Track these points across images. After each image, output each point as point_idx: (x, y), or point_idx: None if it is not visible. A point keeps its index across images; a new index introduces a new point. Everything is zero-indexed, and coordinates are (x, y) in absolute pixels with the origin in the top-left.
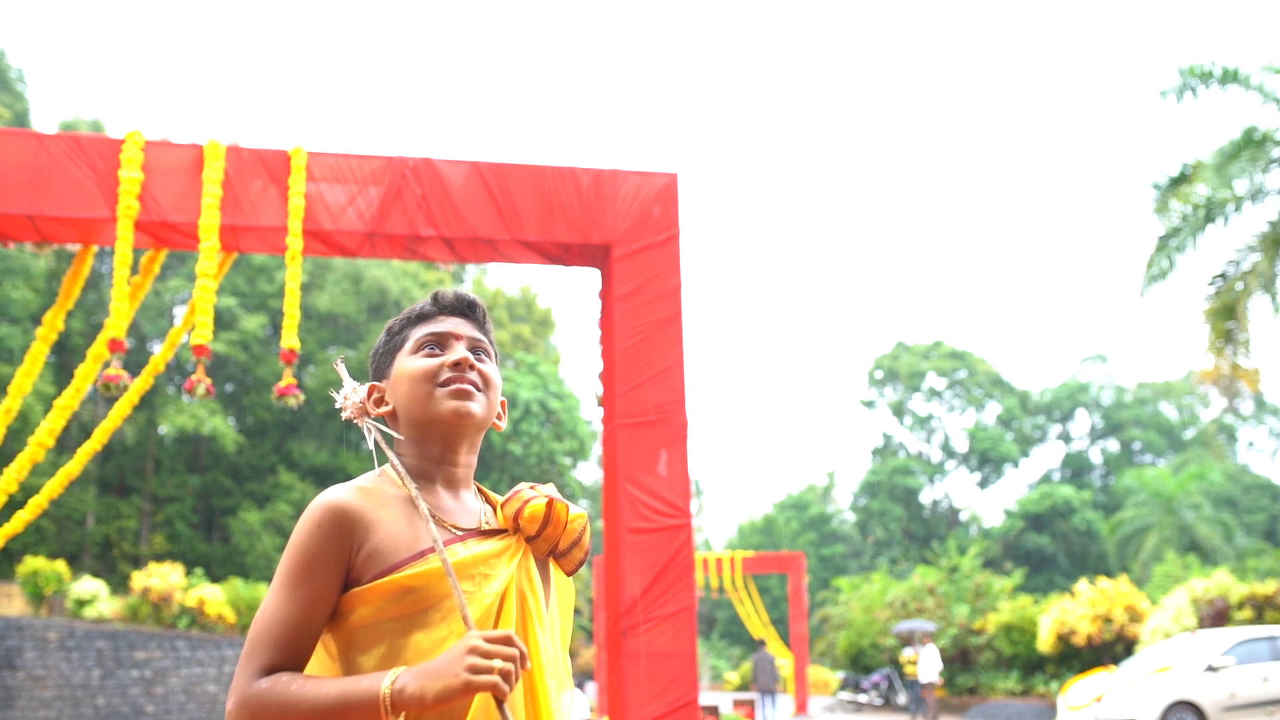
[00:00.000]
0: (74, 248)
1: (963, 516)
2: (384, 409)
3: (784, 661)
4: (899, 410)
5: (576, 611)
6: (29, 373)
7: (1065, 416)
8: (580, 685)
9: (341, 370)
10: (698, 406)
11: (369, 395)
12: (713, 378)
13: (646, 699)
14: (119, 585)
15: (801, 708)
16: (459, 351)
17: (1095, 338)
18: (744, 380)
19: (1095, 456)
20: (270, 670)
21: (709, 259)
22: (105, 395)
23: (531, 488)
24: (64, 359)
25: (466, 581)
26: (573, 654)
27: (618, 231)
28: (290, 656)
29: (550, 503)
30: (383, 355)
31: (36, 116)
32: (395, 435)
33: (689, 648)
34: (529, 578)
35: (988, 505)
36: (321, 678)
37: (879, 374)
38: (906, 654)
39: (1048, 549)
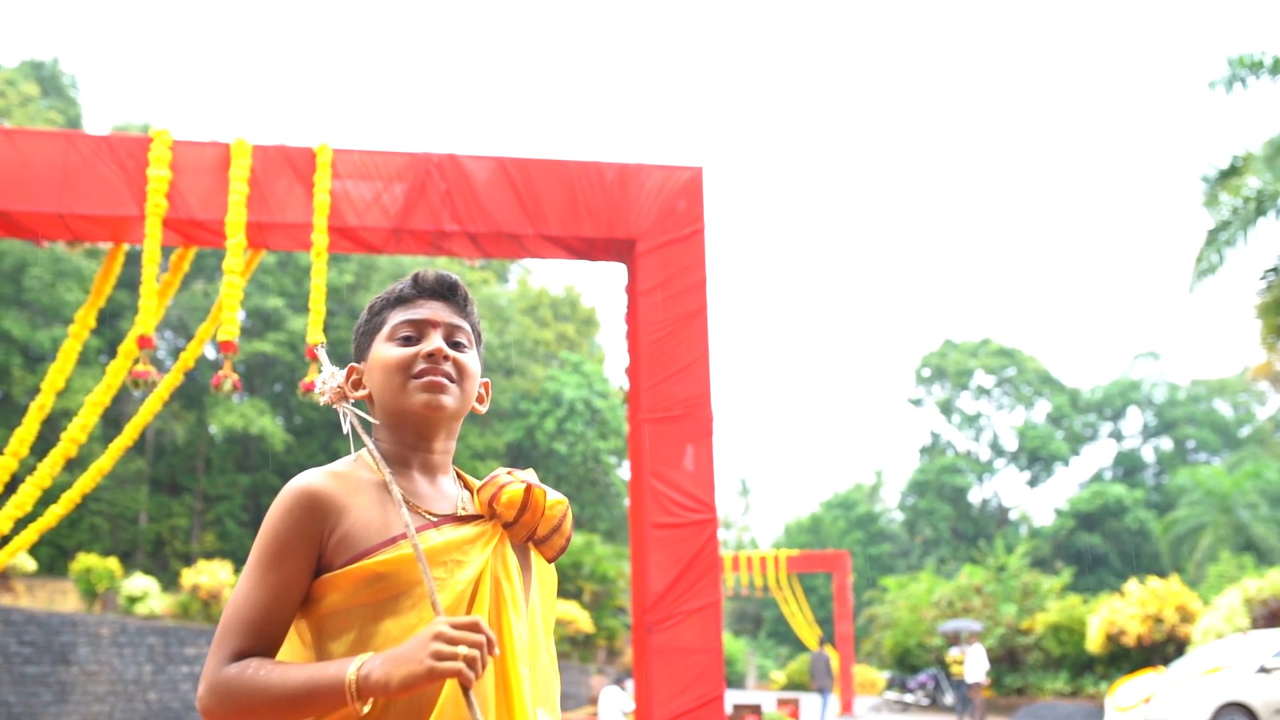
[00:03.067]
0: (105, 246)
1: (1012, 516)
2: (361, 392)
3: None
4: (947, 408)
5: (620, 608)
6: (62, 370)
7: (1117, 414)
8: (619, 682)
9: (321, 355)
10: (744, 405)
11: (348, 377)
12: (759, 376)
13: (673, 694)
14: (170, 582)
15: (848, 707)
16: (434, 341)
17: (1146, 334)
18: (791, 379)
19: (1148, 455)
20: (240, 655)
21: (753, 254)
22: (134, 391)
23: (509, 473)
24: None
25: (439, 568)
26: (616, 650)
27: (642, 226)
28: (261, 642)
29: (528, 488)
30: (362, 335)
31: (88, 122)
32: (372, 420)
33: (714, 643)
34: (504, 564)
35: (1037, 504)
36: (290, 663)
37: (926, 372)
38: (953, 654)
39: (1099, 548)
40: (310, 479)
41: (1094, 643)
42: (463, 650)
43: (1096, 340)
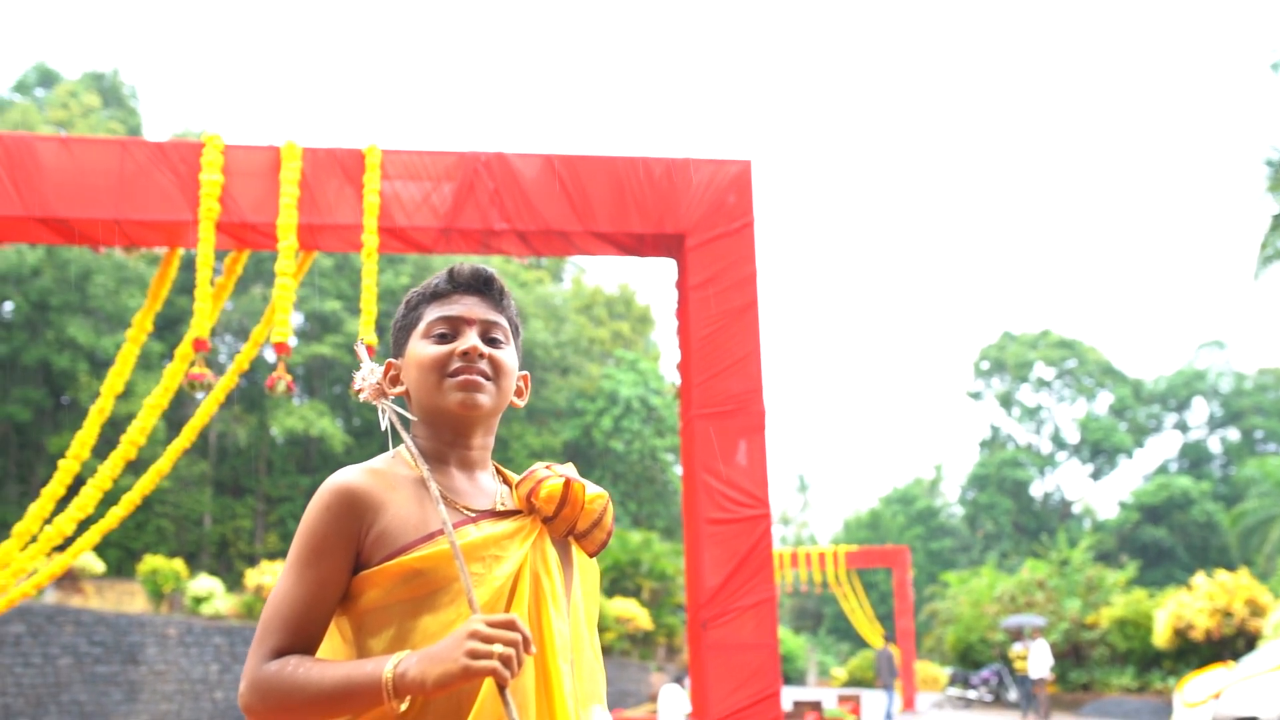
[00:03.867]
0: (160, 251)
1: (1075, 509)
2: (400, 388)
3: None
4: (1007, 401)
5: (678, 606)
6: (121, 373)
7: (1181, 405)
8: (679, 680)
9: (360, 352)
10: (801, 401)
11: (386, 373)
12: (816, 371)
13: (728, 691)
14: (234, 583)
15: (909, 704)
16: (469, 339)
17: (1211, 322)
18: (847, 374)
19: (1214, 446)
20: (280, 653)
21: (807, 247)
22: (191, 393)
23: (547, 467)
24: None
25: (476, 563)
26: (675, 648)
27: (691, 220)
28: (300, 639)
29: (567, 482)
30: (399, 331)
31: (148, 131)
32: (410, 417)
33: (770, 639)
34: (544, 559)
35: (1101, 497)
36: (328, 661)
37: (985, 365)
38: (1016, 649)
39: (1165, 542)
40: (347, 476)
41: (1161, 637)
42: (498, 649)
43: (1159, 330)
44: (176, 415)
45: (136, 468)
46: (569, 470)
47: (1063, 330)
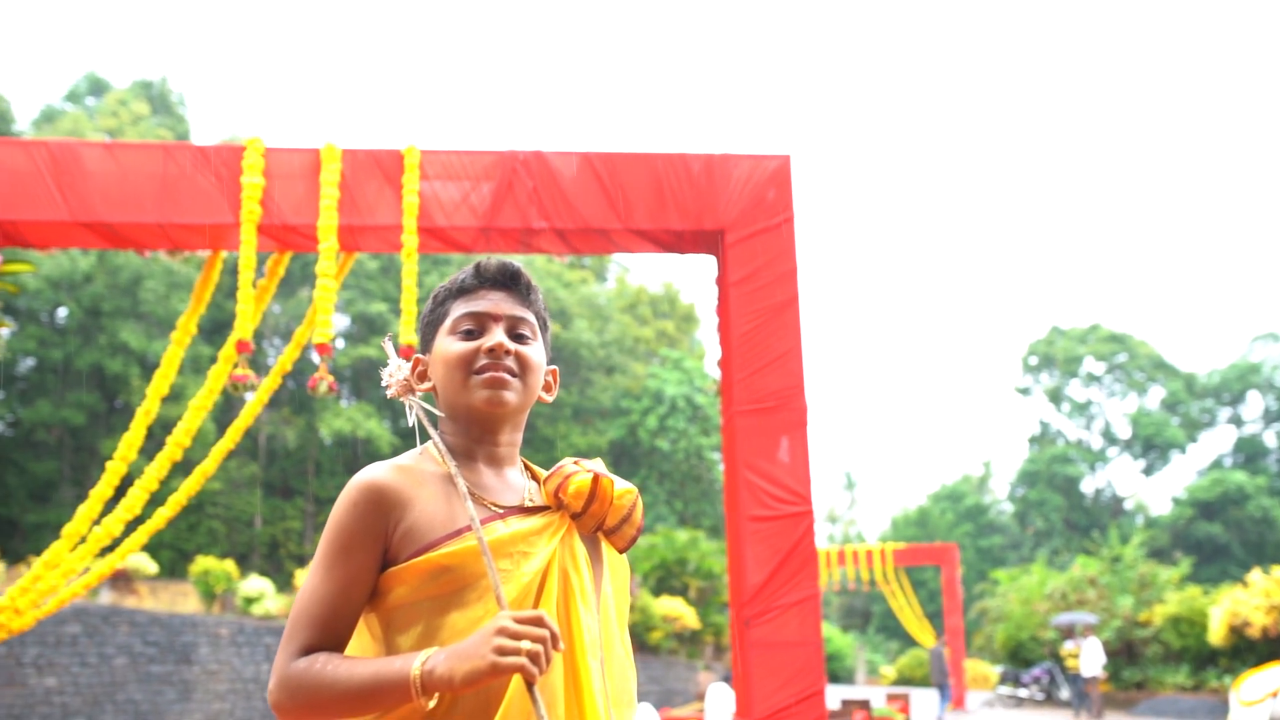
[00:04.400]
0: (204, 254)
1: (1127, 505)
2: (427, 384)
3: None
4: (1056, 397)
5: (725, 604)
6: (166, 376)
7: (1236, 399)
8: (727, 678)
9: (388, 348)
10: (847, 398)
11: (413, 369)
12: (862, 368)
13: (772, 689)
14: (284, 583)
15: (959, 702)
16: (495, 336)
17: (1265, 315)
18: (894, 370)
19: (1270, 440)
20: (309, 650)
21: (851, 242)
22: (234, 395)
23: (575, 463)
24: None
25: (504, 560)
26: (722, 646)
27: (730, 216)
28: (328, 636)
29: (596, 478)
30: (426, 326)
31: (196, 137)
32: (437, 413)
33: (814, 637)
34: (572, 555)
35: (1154, 493)
36: (357, 658)
37: (1034, 360)
38: (1068, 647)
39: (1220, 538)
40: (374, 473)
41: (1216, 635)
42: (526, 645)
43: (1212, 323)
44: (226, 418)
45: (187, 469)
46: (597, 465)
47: (1112, 324)
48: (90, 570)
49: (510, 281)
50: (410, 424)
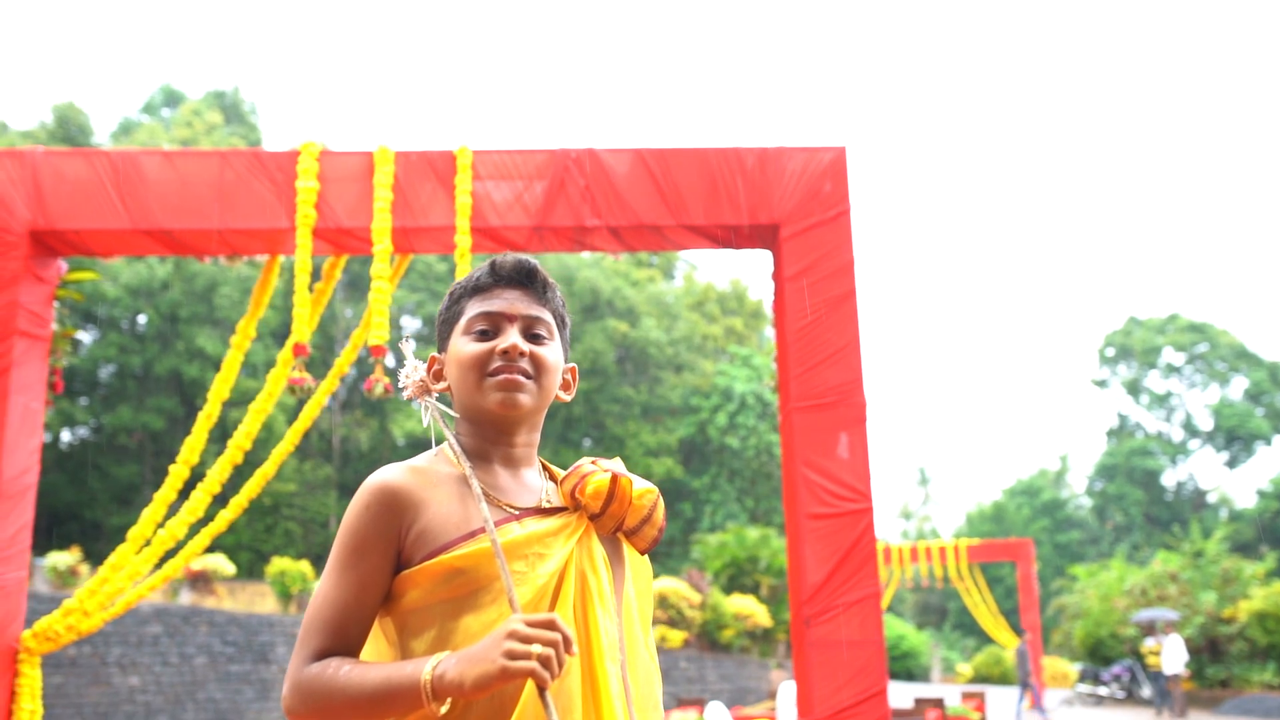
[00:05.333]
0: (261, 259)
1: (1210, 498)
2: (443, 384)
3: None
4: (1134, 389)
5: None
6: (226, 379)
7: None
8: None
9: (405, 350)
10: (920, 393)
11: (429, 369)
12: (934, 363)
13: (833, 689)
14: None
15: (1035, 701)
16: (509, 338)
17: None
18: (967, 364)
19: None
20: (322, 655)
21: (921, 234)
22: (293, 397)
23: (593, 463)
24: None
25: (519, 561)
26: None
27: (785, 210)
28: (341, 641)
29: (614, 478)
30: (442, 325)
31: (268, 145)
32: (452, 414)
33: (876, 636)
34: (590, 557)
35: (1238, 486)
36: (369, 663)
37: (1110, 351)
38: (1149, 644)
39: None
40: (387, 475)
41: None
42: (537, 649)
43: None
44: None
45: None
46: (616, 465)
47: (1192, 314)
48: (156, 573)
49: (526, 279)
50: (425, 424)
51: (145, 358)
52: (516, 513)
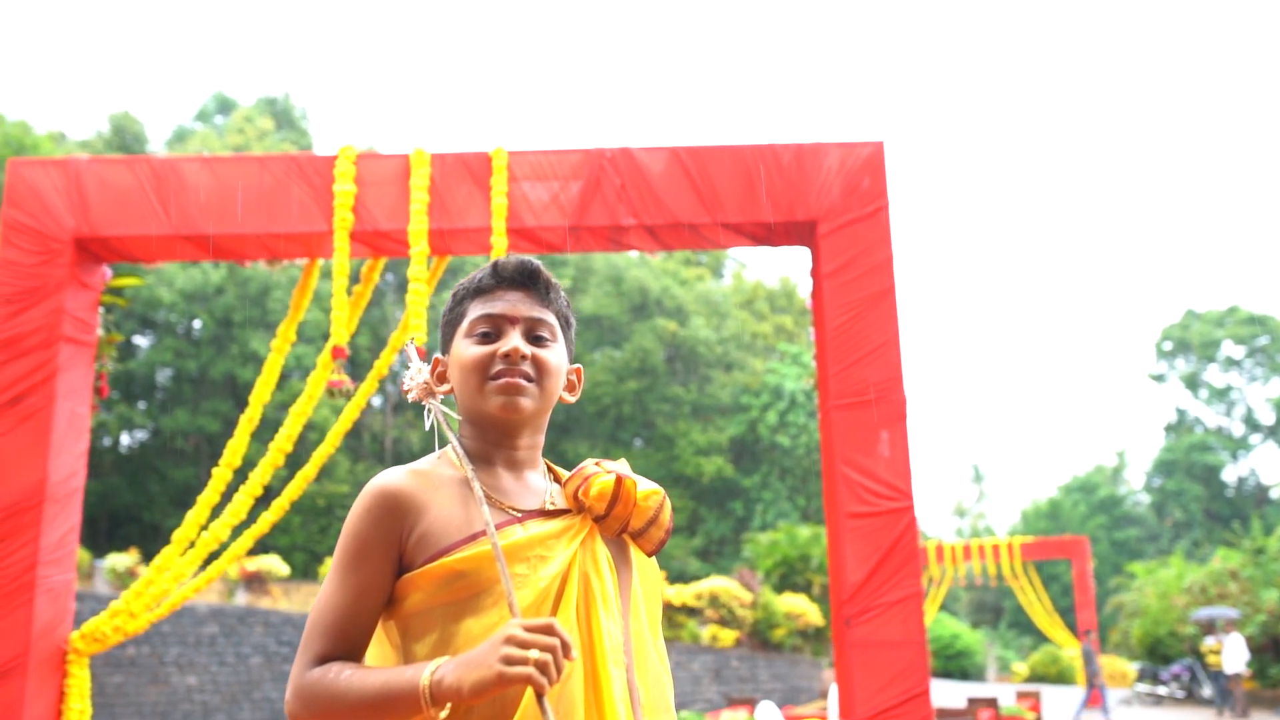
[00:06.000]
0: (301, 262)
1: (1272, 494)
2: (446, 386)
3: (1072, 651)
4: (1193, 383)
5: None
6: (267, 383)
7: None
8: None
9: (410, 351)
10: (974, 390)
11: (433, 370)
12: (987, 358)
13: (875, 690)
14: None
15: (1094, 700)
16: (511, 341)
17: None
18: (1021, 360)
19: None
20: (324, 659)
21: (971, 227)
22: (331, 399)
23: (597, 464)
24: (354, 372)
25: (520, 564)
26: None
27: (823, 207)
28: (343, 645)
29: (619, 479)
30: (446, 326)
31: (318, 149)
32: (455, 416)
33: (918, 636)
34: (594, 559)
35: None
36: (369, 668)
37: (1168, 345)
38: (1209, 643)
39: None
40: (388, 478)
41: None
42: (534, 655)
43: None
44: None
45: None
46: (621, 466)
47: (1251, 306)
48: (201, 574)
49: (529, 281)
50: (428, 427)
51: (200, 362)
52: (519, 515)
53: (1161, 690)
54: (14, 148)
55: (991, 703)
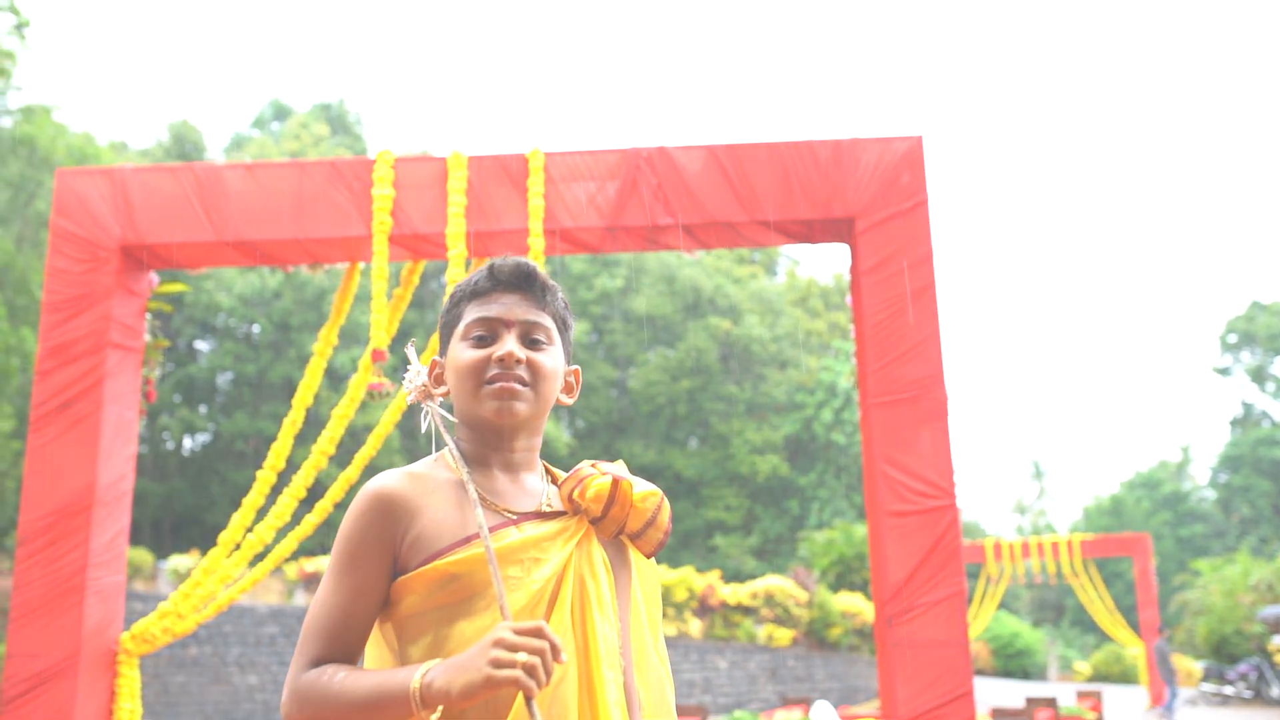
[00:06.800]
0: (341, 266)
1: None
2: (444, 388)
3: (1135, 650)
4: (1259, 376)
5: None
6: (310, 386)
7: None
8: None
9: (410, 354)
10: (1033, 385)
11: (430, 372)
12: (1047, 353)
13: (917, 690)
14: None
15: (1158, 699)
16: (505, 345)
17: None
18: (1081, 355)
19: None
20: (319, 662)
21: (1033, 221)
22: (371, 402)
23: (593, 465)
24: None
25: (514, 567)
26: None
27: (861, 203)
28: (339, 647)
29: (615, 481)
30: (443, 328)
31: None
32: (452, 419)
33: (960, 636)
34: (589, 561)
35: None
36: (362, 670)
37: (1233, 338)
38: (1276, 642)
39: None
40: (383, 481)
41: None
42: (522, 658)
43: None
44: (407, 424)
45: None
46: (617, 468)
47: None
48: (246, 575)
49: (525, 283)
50: (423, 429)
51: (259, 365)
52: (514, 517)
53: (1228, 690)
54: (77, 159)
55: (1050, 702)
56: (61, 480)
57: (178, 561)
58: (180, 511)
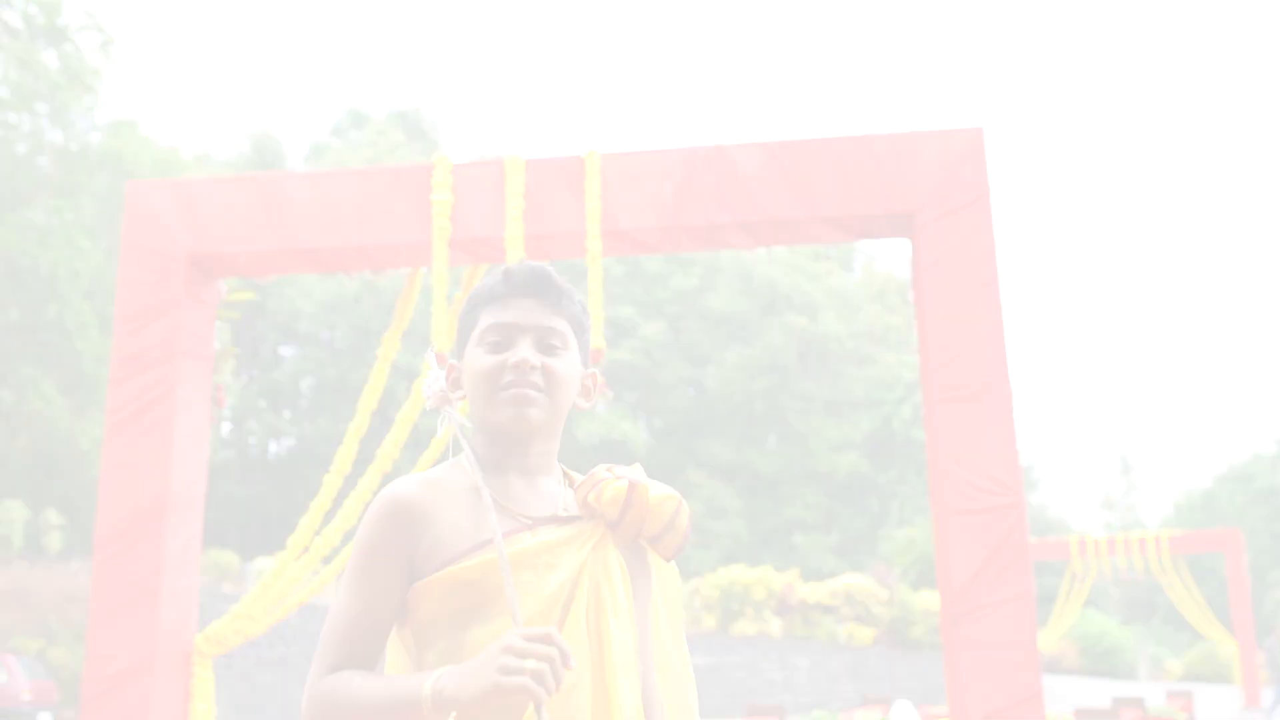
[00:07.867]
0: (404, 271)
1: None
2: (461, 393)
3: (1231, 648)
4: None
5: None
6: (374, 390)
7: None
8: None
9: (429, 359)
10: (1121, 379)
11: (448, 377)
12: (1134, 346)
13: (985, 691)
14: None
15: (1253, 700)
16: (520, 352)
17: None
18: (1170, 347)
19: None
20: (337, 668)
21: (1114, 212)
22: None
23: (609, 469)
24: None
25: (528, 572)
26: None
27: (921, 197)
28: (356, 653)
29: (631, 484)
30: (460, 332)
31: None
32: (468, 424)
33: (1028, 636)
34: (605, 566)
35: None
36: (379, 676)
37: None
38: None
39: None
40: (398, 487)
41: None
42: (530, 664)
43: None
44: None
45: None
46: (634, 472)
47: None
48: (315, 578)
49: (540, 288)
50: (438, 434)
51: (340, 370)
52: (530, 522)
53: None
54: (162, 171)
55: (1137, 702)
56: (136, 486)
57: (263, 564)
58: (266, 514)
